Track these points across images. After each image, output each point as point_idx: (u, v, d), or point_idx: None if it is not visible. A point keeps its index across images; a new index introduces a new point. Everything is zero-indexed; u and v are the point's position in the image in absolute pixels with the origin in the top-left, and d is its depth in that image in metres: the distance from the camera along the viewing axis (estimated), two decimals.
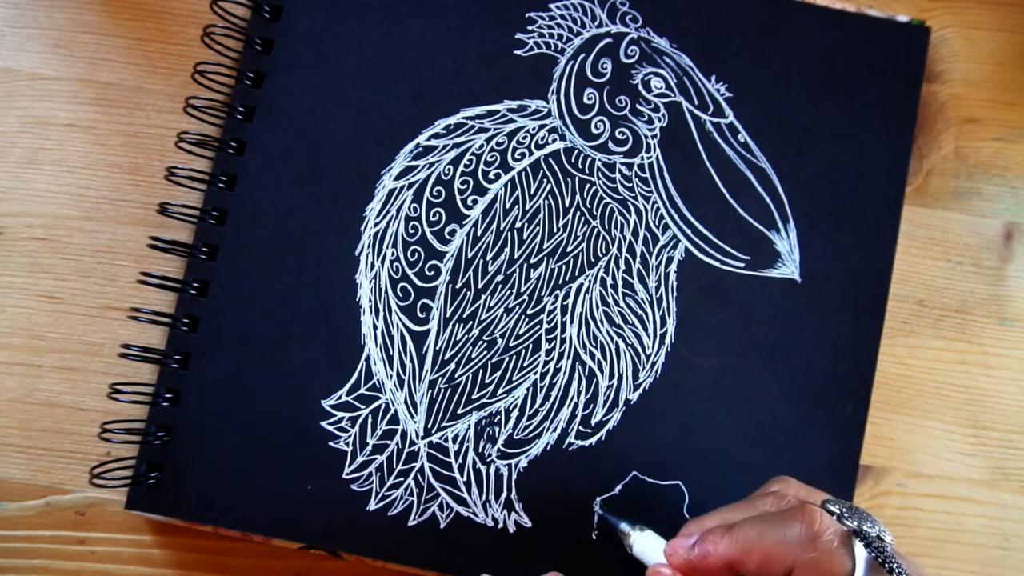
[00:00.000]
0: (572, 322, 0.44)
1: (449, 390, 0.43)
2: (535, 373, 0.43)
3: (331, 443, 0.43)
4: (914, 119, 0.45)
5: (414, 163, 0.45)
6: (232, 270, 0.44)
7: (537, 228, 0.44)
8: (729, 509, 0.36)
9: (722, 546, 0.33)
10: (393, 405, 0.43)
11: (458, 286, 0.44)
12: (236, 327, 0.43)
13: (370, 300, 0.44)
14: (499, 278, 0.44)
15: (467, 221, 0.44)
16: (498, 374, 0.43)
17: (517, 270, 0.44)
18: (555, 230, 0.44)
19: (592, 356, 0.43)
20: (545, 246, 0.44)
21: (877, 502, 0.44)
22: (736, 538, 0.33)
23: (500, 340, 0.43)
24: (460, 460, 0.43)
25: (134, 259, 0.46)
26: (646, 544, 0.37)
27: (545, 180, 0.45)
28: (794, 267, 0.44)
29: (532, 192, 0.44)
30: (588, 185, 0.45)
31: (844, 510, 0.32)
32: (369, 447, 0.43)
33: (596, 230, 0.44)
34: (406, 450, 0.43)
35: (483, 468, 0.43)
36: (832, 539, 0.31)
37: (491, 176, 0.45)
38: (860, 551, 0.31)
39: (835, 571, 0.30)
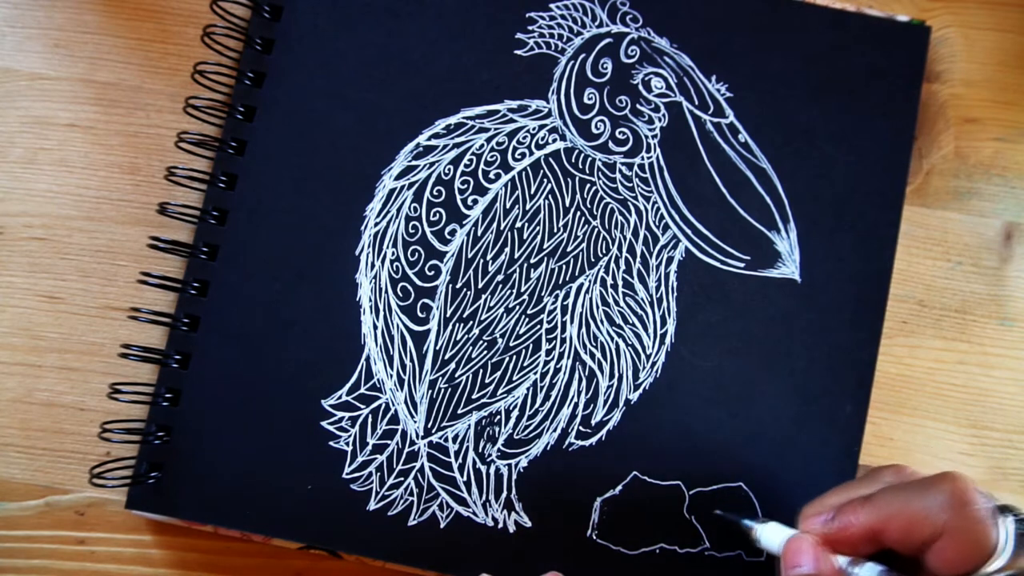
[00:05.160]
0: (572, 322, 0.44)
1: (449, 390, 0.43)
2: (535, 373, 0.43)
3: (331, 443, 0.43)
4: (914, 119, 0.45)
5: (414, 163, 0.45)
6: (232, 270, 0.44)
7: (537, 228, 0.44)
8: (850, 486, 0.35)
9: (863, 516, 0.32)
10: (393, 405, 0.43)
11: (458, 286, 0.44)
12: (236, 327, 0.43)
13: (370, 300, 0.44)
14: (499, 278, 0.44)
15: (467, 221, 0.44)
16: (498, 374, 0.43)
17: (517, 270, 0.44)
18: (555, 230, 0.44)
19: (592, 356, 0.43)
20: (545, 246, 0.44)
21: None
22: (878, 506, 0.32)
23: (500, 340, 0.43)
24: (460, 460, 0.43)
25: (134, 259, 0.46)
26: (773, 534, 0.36)
27: (545, 180, 0.45)
28: (794, 267, 0.44)
29: (532, 192, 0.44)
30: (588, 185, 0.45)
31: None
32: (369, 447, 0.43)
33: (596, 230, 0.44)
34: (406, 450, 0.43)
35: (483, 468, 0.43)
36: (983, 508, 0.30)
37: (491, 176, 0.45)
38: (1008, 524, 0.30)
39: (982, 541, 0.30)
